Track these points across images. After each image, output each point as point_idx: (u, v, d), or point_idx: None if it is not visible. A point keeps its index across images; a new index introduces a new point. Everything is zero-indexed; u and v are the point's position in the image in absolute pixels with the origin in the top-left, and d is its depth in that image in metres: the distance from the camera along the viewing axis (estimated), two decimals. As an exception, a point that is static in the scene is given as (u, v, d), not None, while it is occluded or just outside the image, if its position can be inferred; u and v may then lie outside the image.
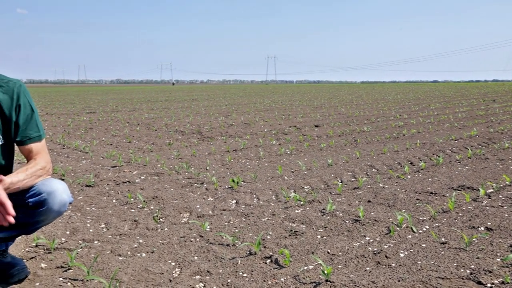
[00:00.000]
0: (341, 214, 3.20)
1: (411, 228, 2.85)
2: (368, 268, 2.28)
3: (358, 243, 2.63)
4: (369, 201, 3.53)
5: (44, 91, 45.17)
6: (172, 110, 14.52)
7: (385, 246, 2.57)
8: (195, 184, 4.18)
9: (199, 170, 4.84)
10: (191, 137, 7.78)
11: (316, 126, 9.22)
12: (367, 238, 2.71)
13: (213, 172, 4.73)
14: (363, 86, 65.04)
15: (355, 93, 30.83)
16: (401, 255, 2.44)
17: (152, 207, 3.46)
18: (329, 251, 2.52)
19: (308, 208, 3.37)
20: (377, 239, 2.70)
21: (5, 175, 1.91)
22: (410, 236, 2.73)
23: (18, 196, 1.99)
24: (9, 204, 1.72)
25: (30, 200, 1.99)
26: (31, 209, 2.01)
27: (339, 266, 2.32)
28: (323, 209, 3.34)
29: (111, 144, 7.02)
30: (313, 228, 2.92)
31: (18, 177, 1.90)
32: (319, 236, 2.77)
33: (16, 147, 2.16)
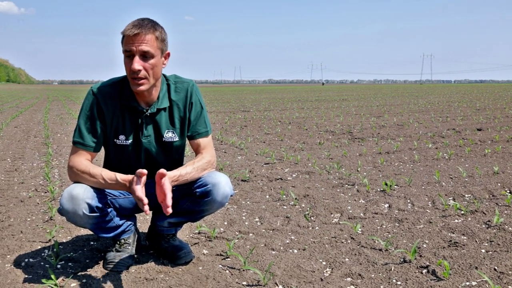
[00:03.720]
0: (510, 229, 2.87)
1: None
2: (545, 293, 2.01)
3: (532, 263, 2.33)
4: (545, 216, 3.11)
5: (204, 91, 49.01)
6: (322, 110, 14.60)
7: None
8: (346, 185, 4.13)
9: (350, 171, 4.78)
10: (342, 137, 7.72)
11: (479, 129, 8.44)
12: (544, 258, 2.39)
13: (365, 173, 4.63)
14: (536, 86, 57.53)
15: (526, 93, 27.44)
16: None
17: (303, 205, 3.51)
18: (496, 268, 2.28)
19: (469, 219, 3.10)
20: (557, 260, 2.36)
21: (177, 167, 2.13)
22: None
23: (188, 186, 2.19)
24: (169, 196, 1.83)
25: (197, 190, 2.17)
26: (198, 199, 2.20)
27: (509, 287, 2.08)
28: (488, 221, 3.04)
29: (264, 142, 7.32)
30: (476, 241, 2.68)
31: (186, 170, 2.10)
32: (483, 250, 2.53)
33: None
